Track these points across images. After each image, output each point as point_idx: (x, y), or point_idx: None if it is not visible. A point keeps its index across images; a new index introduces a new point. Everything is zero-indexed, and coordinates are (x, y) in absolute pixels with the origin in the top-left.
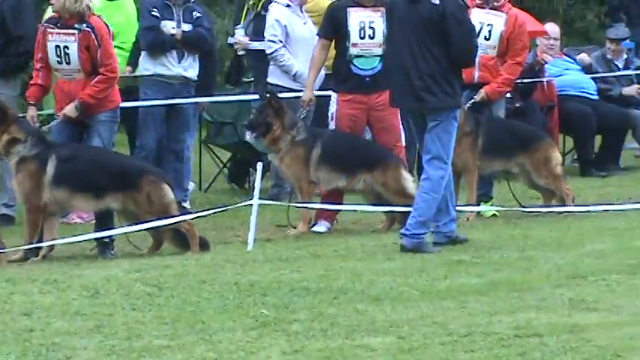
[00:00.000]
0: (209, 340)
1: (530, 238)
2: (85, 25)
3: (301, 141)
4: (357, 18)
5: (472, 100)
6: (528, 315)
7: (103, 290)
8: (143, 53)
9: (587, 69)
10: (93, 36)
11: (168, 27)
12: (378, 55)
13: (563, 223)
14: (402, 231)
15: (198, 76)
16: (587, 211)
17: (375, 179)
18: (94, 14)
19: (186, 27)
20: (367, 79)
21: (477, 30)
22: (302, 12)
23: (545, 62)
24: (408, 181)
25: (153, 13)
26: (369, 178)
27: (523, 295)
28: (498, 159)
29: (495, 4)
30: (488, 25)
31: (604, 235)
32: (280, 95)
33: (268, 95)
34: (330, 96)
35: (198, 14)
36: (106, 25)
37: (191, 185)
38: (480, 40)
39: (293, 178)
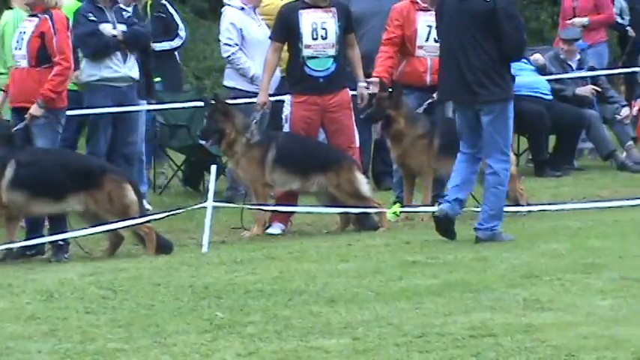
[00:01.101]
0: (163, 343)
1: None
2: (45, 14)
3: (256, 143)
4: (309, 19)
5: (429, 101)
6: (483, 315)
7: (57, 294)
8: (85, 60)
9: (541, 69)
10: (50, 23)
11: (108, 29)
12: (332, 56)
13: (517, 224)
14: (476, 225)
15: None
16: (542, 211)
17: (329, 181)
18: (59, 10)
19: (122, 27)
20: (321, 80)
21: (426, 34)
22: (256, 14)
23: None
24: (362, 182)
25: (90, 18)
26: (323, 179)
27: (478, 296)
28: (454, 160)
29: None
30: (436, 28)
31: (558, 235)
32: (238, 99)
33: (214, 100)
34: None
35: (129, 13)
36: (67, 18)
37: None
38: (430, 44)
39: (248, 180)
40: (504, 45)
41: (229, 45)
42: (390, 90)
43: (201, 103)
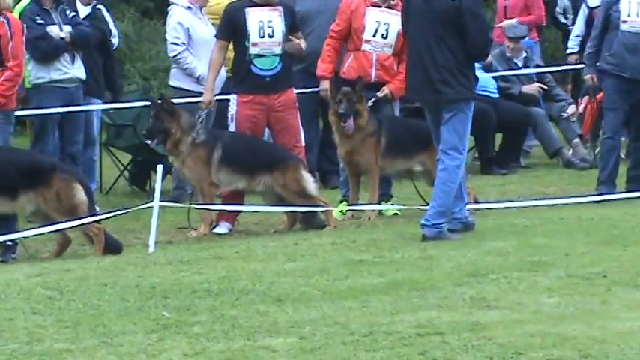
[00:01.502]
0: (110, 343)
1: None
2: (1, 17)
3: (202, 143)
4: (255, 18)
5: (374, 98)
6: (430, 313)
7: (3, 294)
8: (32, 62)
9: (487, 67)
10: (7, 27)
11: (55, 32)
12: (278, 55)
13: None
14: (422, 221)
15: (105, 77)
16: (489, 209)
17: (275, 180)
18: (11, 12)
19: (68, 28)
20: (267, 79)
21: (374, 29)
22: (202, 14)
23: None
24: (308, 181)
25: (38, 21)
26: (269, 179)
27: (424, 294)
28: (400, 158)
29: (391, 2)
30: (384, 23)
31: (505, 233)
32: (184, 99)
33: (160, 100)
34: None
35: (73, 13)
36: (22, 23)
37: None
38: (377, 39)
39: (194, 180)
40: (469, 44)
41: (176, 44)
42: (352, 84)
43: (148, 103)
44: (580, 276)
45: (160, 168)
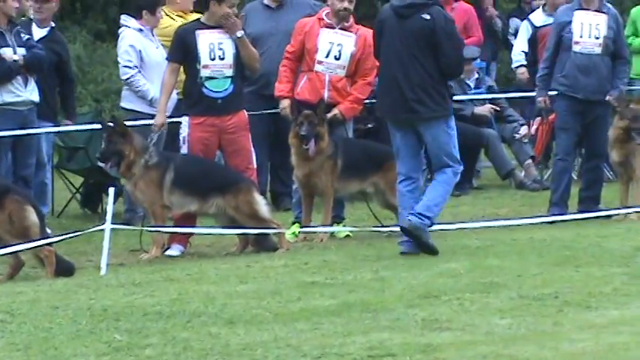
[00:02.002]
0: None
1: (383, 258)
2: None
3: (154, 165)
4: (206, 40)
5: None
6: (382, 335)
7: None
8: None
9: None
10: None
11: (9, 54)
12: (229, 77)
13: None
14: (410, 211)
15: (62, 100)
16: (441, 230)
17: (228, 203)
18: None
19: (21, 51)
20: (219, 101)
21: (327, 50)
22: (154, 36)
23: None
24: (261, 204)
25: None
26: (222, 201)
27: (376, 316)
28: (354, 180)
29: (345, 24)
30: (338, 45)
31: (457, 254)
32: (136, 121)
33: (111, 122)
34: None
35: (27, 36)
36: None
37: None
38: (330, 61)
39: (146, 202)
40: (443, 63)
41: (129, 67)
42: (313, 107)
43: (99, 126)
44: (532, 297)
45: (111, 190)
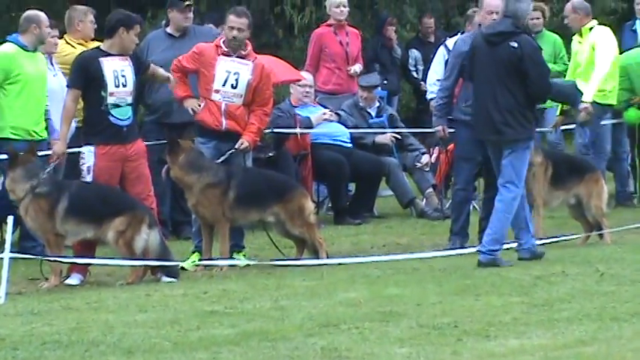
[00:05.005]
0: None
1: (283, 287)
2: None
3: (44, 194)
4: (110, 67)
5: (231, 151)
6: None
7: None
8: None
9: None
10: None
11: None
12: (130, 104)
13: (316, 272)
14: (479, 248)
15: None
16: (340, 264)
17: (116, 228)
18: None
19: None
20: (124, 129)
21: (223, 79)
22: (52, 64)
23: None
24: (150, 233)
25: None
26: (118, 226)
27: (276, 345)
28: (254, 209)
29: (242, 52)
30: (234, 73)
31: (357, 284)
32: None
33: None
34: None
35: None
36: None
37: None
38: (226, 89)
39: (38, 231)
40: (530, 89)
41: None
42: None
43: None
44: (431, 326)
45: (10, 219)
